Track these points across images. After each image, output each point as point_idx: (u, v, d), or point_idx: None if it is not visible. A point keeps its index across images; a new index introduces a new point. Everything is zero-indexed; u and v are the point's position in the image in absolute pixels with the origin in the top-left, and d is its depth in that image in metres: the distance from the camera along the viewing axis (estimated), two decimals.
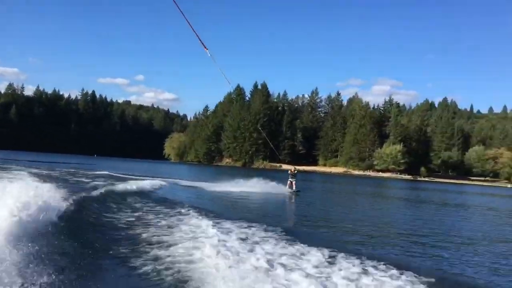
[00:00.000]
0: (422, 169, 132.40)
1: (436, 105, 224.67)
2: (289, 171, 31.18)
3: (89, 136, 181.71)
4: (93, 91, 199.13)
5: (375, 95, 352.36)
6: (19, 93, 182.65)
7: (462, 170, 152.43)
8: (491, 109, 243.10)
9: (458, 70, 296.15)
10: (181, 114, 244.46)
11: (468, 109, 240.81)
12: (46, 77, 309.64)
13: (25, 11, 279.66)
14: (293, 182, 29.92)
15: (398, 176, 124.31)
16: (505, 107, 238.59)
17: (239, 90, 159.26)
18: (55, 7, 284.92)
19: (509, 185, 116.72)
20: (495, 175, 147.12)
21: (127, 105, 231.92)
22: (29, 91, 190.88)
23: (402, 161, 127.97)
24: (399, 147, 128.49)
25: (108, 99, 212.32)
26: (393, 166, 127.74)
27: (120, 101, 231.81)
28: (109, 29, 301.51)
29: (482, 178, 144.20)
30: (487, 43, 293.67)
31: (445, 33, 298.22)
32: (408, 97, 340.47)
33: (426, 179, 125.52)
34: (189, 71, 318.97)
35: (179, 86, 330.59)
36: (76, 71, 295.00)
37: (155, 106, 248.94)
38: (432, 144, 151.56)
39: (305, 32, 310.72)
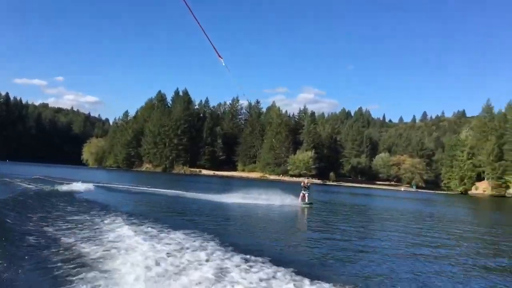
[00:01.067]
0: (331, 174, 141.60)
1: (353, 114, 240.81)
2: (302, 184, 30.57)
3: (1, 140, 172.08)
4: (7, 93, 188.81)
5: (300, 103, 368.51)
6: None
7: (370, 175, 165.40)
8: (401, 118, 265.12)
9: (374, 80, 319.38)
10: (104, 118, 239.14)
11: (381, 118, 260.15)
12: None
13: None
14: (306, 195, 29.61)
15: (309, 180, 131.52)
16: (414, 117, 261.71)
17: (160, 96, 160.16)
18: None
19: (402, 189, 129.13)
20: (399, 179, 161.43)
21: (44, 108, 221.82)
22: None
23: (313, 166, 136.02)
24: (310, 153, 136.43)
25: (24, 101, 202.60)
26: (305, 171, 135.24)
27: (36, 103, 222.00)
28: (28, 28, 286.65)
29: (387, 183, 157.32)
30: (402, 56, 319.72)
31: (363, 45, 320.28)
32: (330, 106, 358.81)
33: (334, 183, 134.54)
34: (114, 73, 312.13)
35: (103, 89, 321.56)
36: None
37: (75, 109, 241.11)
38: (343, 151, 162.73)
39: (235, 39, 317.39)
